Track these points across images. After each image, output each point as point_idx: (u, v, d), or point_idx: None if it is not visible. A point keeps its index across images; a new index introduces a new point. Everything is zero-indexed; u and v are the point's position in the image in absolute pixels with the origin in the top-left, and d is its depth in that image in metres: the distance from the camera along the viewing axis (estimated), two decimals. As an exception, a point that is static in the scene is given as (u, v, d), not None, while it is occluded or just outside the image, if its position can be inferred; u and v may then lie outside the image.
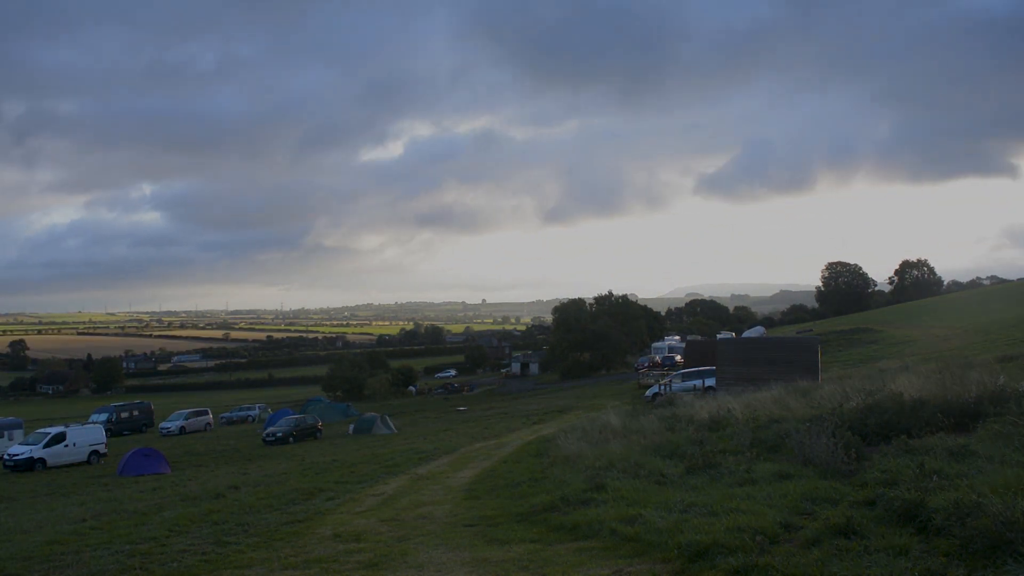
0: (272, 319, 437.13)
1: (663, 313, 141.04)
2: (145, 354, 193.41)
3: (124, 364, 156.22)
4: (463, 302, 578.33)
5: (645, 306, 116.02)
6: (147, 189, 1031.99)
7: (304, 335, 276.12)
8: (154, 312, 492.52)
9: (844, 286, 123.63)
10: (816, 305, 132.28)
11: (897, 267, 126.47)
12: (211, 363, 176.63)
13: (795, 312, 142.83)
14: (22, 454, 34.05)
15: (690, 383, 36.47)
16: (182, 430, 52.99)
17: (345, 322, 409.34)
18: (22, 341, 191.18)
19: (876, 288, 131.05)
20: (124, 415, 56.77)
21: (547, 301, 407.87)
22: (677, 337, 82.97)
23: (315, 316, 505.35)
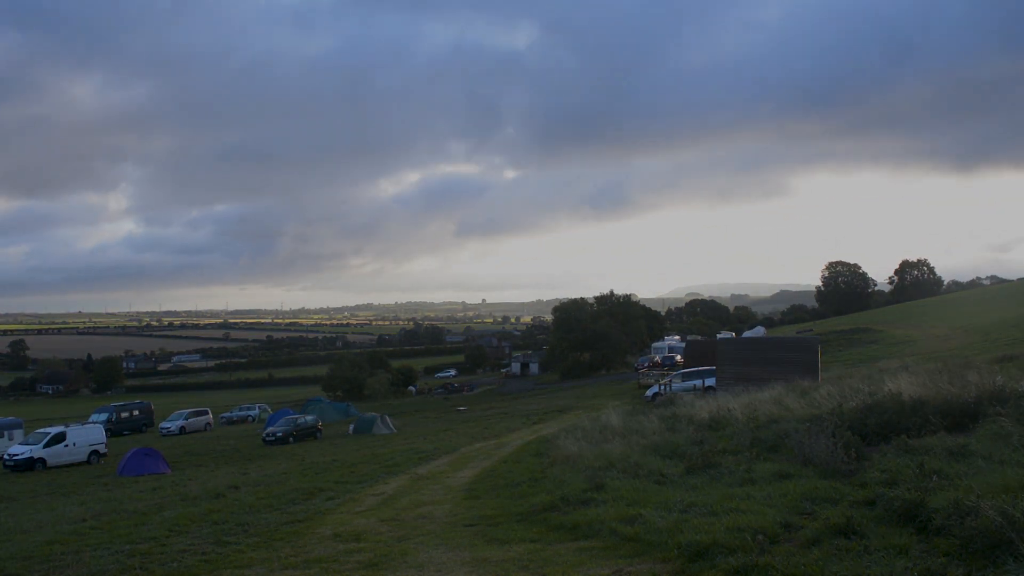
0: (272, 319, 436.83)
1: (663, 313, 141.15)
2: (145, 354, 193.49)
3: (124, 364, 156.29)
4: (463, 302, 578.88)
5: (645, 306, 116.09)
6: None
7: (304, 335, 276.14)
8: (154, 312, 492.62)
9: (844, 286, 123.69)
10: (816, 305, 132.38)
11: (897, 267, 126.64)
12: (211, 363, 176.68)
13: (795, 312, 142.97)
14: (22, 454, 34.05)
15: (690, 383, 36.48)
16: (182, 430, 52.98)
17: (345, 322, 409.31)
18: (22, 341, 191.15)
19: (876, 288, 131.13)
20: (124, 415, 56.75)
21: (547, 301, 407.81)
22: (677, 337, 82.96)
23: (315, 316, 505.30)
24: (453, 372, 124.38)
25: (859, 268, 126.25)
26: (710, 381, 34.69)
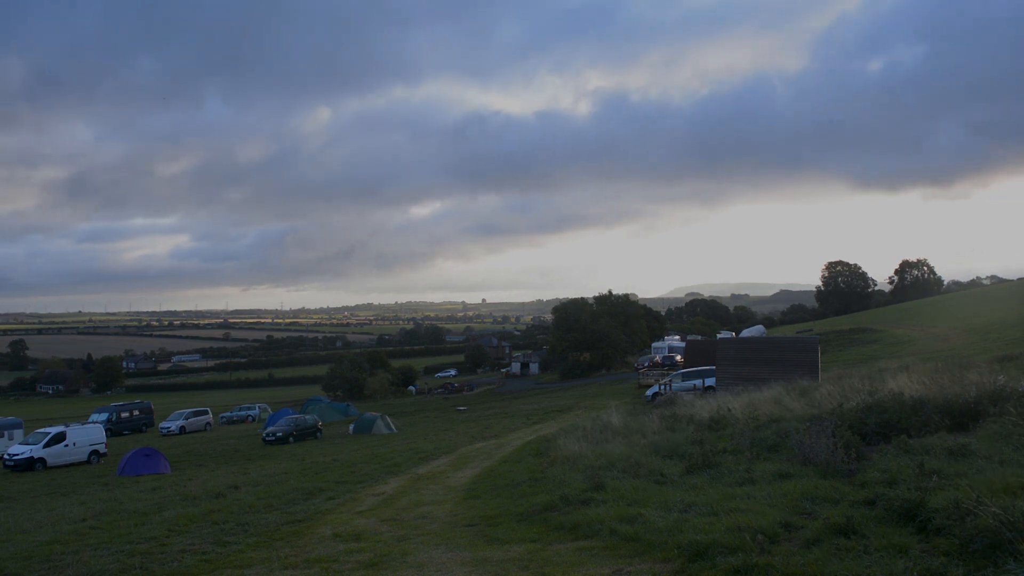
0: (272, 319, 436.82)
1: (663, 313, 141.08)
2: (145, 354, 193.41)
3: (124, 364, 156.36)
4: (463, 302, 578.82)
5: (645, 306, 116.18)
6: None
7: (304, 335, 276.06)
8: (154, 312, 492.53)
9: (844, 286, 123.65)
10: (816, 305, 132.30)
11: (897, 267, 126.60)
12: (211, 363, 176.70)
13: (795, 312, 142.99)
14: (22, 454, 34.02)
15: (690, 383, 36.51)
16: (182, 430, 52.97)
17: (345, 322, 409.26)
18: (22, 341, 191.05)
19: (876, 288, 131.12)
20: (124, 415, 56.74)
21: (547, 301, 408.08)
22: (677, 337, 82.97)
23: (315, 316, 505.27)
24: (453, 372, 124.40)
25: (859, 268, 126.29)
26: (710, 381, 34.72)
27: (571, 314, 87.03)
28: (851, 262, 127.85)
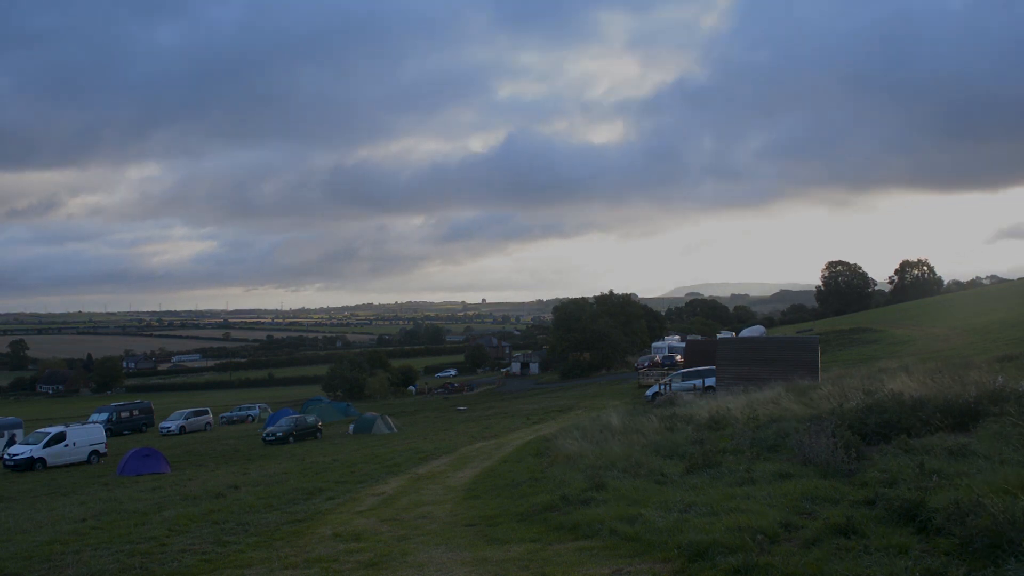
0: (272, 319, 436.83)
1: (663, 313, 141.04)
2: (145, 354, 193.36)
3: (124, 364, 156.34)
4: (463, 302, 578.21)
5: (645, 306, 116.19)
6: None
7: (304, 335, 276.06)
8: (154, 312, 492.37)
9: (844, 286, 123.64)
10: (816, 305, 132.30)
11: (897, 267, 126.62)
12: (211, 363, 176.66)
13: (795, 312, 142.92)
14: (22, 454, 34.02)
15: (690, 383, 36.52)
16: (182, 430, 52.99)
17: (345, 322, 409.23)
18: (22, 341, 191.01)
19: (876, 288, 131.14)
20: (124, 415, 56.76)
21: (547, 301, 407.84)
22: (677, 337, 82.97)
23: (315, 316, 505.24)
24: (453, 372, 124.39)
25: (859, 268, 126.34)
26: (710, 381, 34.72)
27: (571, 314, 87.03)
28: (851, 262, 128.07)
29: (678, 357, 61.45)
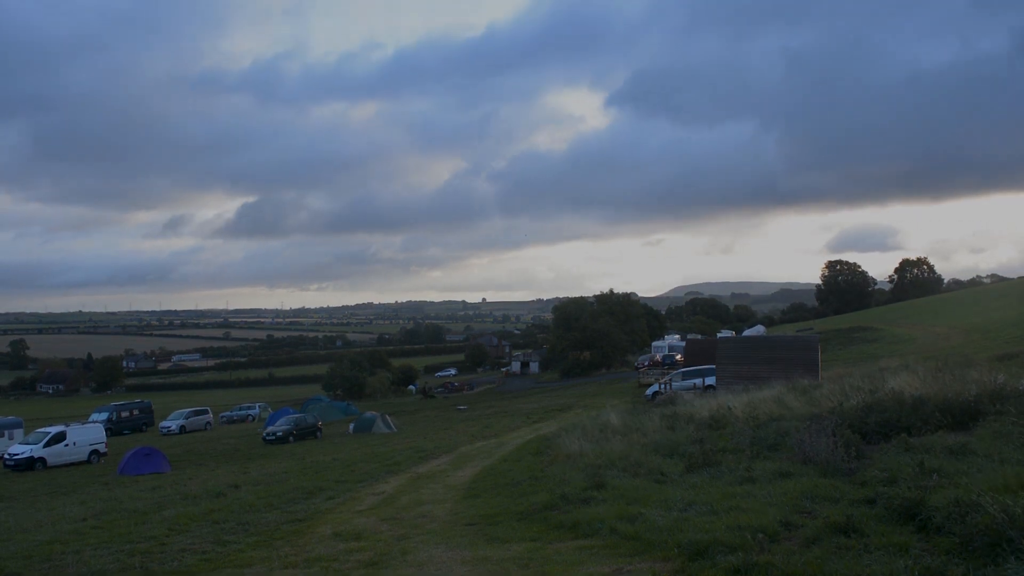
0: (272, 318, 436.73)
1: (663, 312, 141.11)
2: (145, 353, 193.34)
3: (124, 363, 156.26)
4: (463, 301, 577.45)
5: (645, 305, 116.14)
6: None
7: (304, 334, 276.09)
8: (154, 311, 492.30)
9: (844, 284, 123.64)
10: (816, 303, 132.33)
11: (897, 265, 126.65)
12: (211, 362, 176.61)
13: (795, 310, 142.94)
14: (22, 453, 34.05)
15: (690, 382, 36.54)
16: (182, 429, 53.01)
17: (345, 321, 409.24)
18: (22, 340, 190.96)
19: (876, 286, 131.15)
20: (124, 414, 56.80)
21: (547, 300, 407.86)
22: (677, 336, 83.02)
23: (315, 315, 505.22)
24: (453, 371, 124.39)
25: (859, 267, 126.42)
26: (710, 380, 34.72)
27: (571, 313, 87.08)
28: (851, 261, 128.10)
29: (678, 356, 61.45)
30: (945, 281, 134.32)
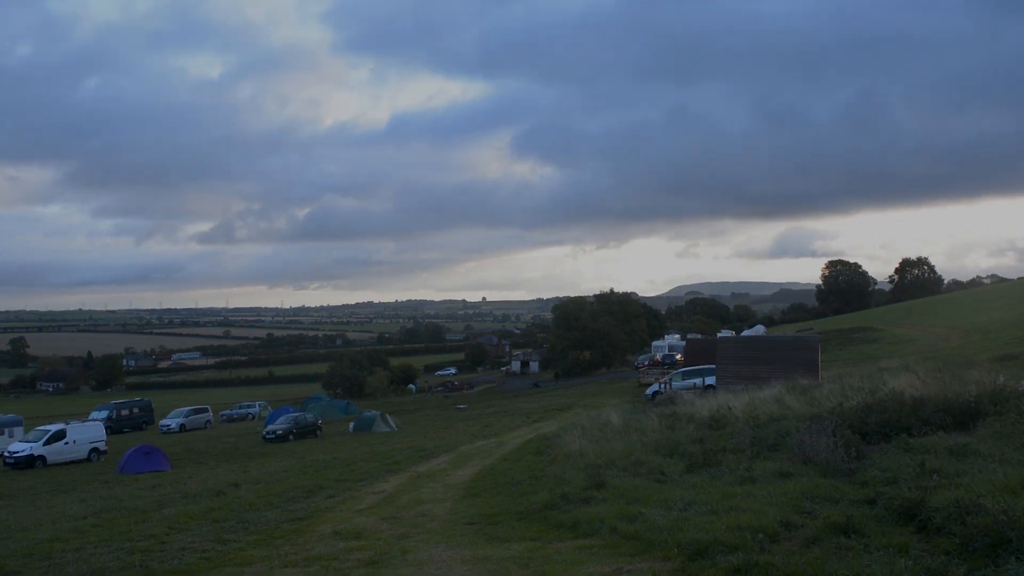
0: (273, 317, 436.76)
1: (663, 312, 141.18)
2: (145, 352, 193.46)
3: (124, 362, 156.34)
4: (463, 300, 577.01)
5: (645, 304, 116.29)
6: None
7: (304, 333, 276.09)
8: (154, 310, 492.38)
9: (844, 285, 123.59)
10: (816, 304, 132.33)
11: (897, 266, 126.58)
12: (211, 361, 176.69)
13: (795, 311, 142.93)
14: (22, 451, 34.05)
15: (690, 381, 36.53)
16: (182, 427, 53.03)
17: (345, 320, 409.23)
18: (22, 338, 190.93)
19: (876, 287, 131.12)
20: (124, 412, 56.81)
21: (547, 300, 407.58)
22: (677, 336, 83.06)
23: (315, 314, 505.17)
24: (453, 370, 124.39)
25: (859, 267, 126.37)
26: (710, 380, 34.71)
27: (571, 313, 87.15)
28: (851, 261, 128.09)
29: (678, 356, 61.49)
30: (945, 282, 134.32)
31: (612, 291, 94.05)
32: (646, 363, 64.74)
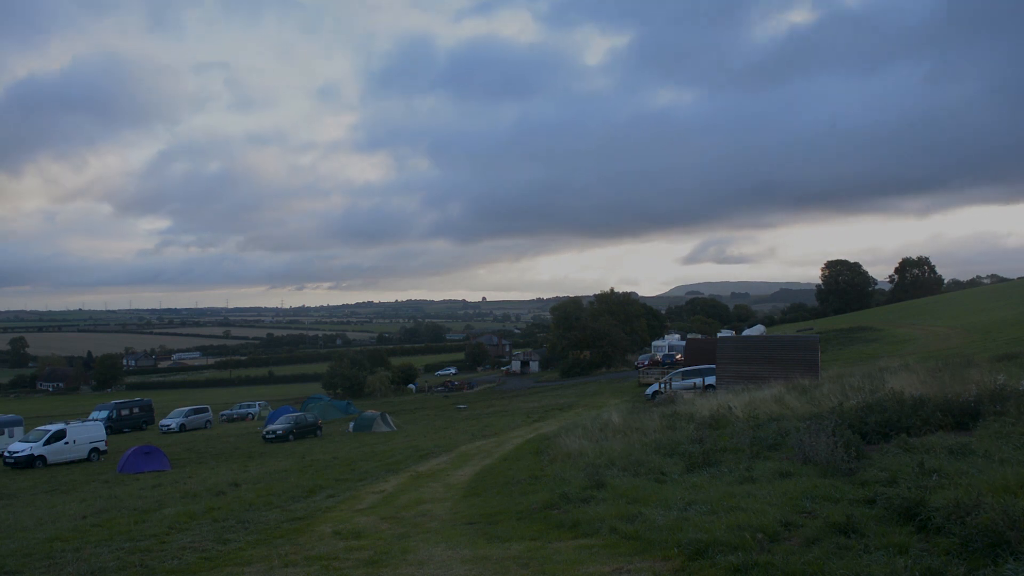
0: (273, 317, 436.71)
1: (663, 311, 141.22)
2: (145, 351, 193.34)
3: (124, 361, 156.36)
4: (463, 300, 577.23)
5: (645, 304, 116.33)
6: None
7: (304, 333, 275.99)
8: (154, 309, 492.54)
9: (844, 284, 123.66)
10: (816, 303, 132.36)
11: (897, 265, 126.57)
12: (211, 360, 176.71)
13: (795, 310, 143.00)
14: (22, 451, 34.06)
15: (690, 381, 36.56)
16: (182, 427, 53.02)
17: (345, 320, 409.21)
18: (22, 338, 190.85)
19: (876, 287, 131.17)
20: (124, 412, 56.78)
21: (547, 299, 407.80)
22: (677, 335, 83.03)
23: (315, 314, 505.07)
24: (453, 370, 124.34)
25: (860, 267, 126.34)
26: (710, 379, 34.73)
27: (571, 312, 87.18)
28: (851, 261, 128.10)
29: (678, 356, 61.50)
30: (945, 281, 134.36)
31: (612, 291, 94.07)
32: (646, 363, 64.76)
